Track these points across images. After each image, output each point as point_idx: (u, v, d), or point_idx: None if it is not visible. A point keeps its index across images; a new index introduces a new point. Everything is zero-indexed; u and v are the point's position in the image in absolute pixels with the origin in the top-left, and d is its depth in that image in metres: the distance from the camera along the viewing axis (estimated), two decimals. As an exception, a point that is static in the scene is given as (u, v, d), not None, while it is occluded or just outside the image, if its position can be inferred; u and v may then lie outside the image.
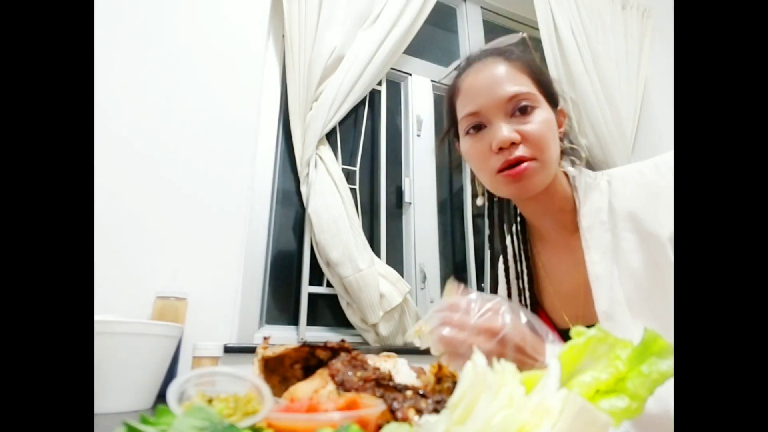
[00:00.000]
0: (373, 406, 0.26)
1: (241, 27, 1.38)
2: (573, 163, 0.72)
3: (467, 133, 0.68)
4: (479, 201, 0.81)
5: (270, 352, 0.39)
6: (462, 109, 0.68)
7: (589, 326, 0.27)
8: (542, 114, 0.65)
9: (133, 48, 1.21)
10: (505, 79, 0.65)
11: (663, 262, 0.57)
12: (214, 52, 1.31)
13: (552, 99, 0.69)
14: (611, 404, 0.22)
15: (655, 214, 0.59)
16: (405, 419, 0.26)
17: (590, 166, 0.76)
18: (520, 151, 0.63)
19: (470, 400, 0.20)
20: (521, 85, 0.65)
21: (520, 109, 0.64)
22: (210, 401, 0.26)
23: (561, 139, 0.71)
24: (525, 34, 0.73)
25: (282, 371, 0.40)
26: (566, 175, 0.72)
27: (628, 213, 0.62)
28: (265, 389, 0.26)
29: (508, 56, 0.68)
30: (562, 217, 0.71)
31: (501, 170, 0.64)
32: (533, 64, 0.69)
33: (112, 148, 1.11)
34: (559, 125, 0.70)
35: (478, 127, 0.66)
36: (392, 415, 0.26)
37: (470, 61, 0.71)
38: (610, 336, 0.24)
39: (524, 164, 0.62)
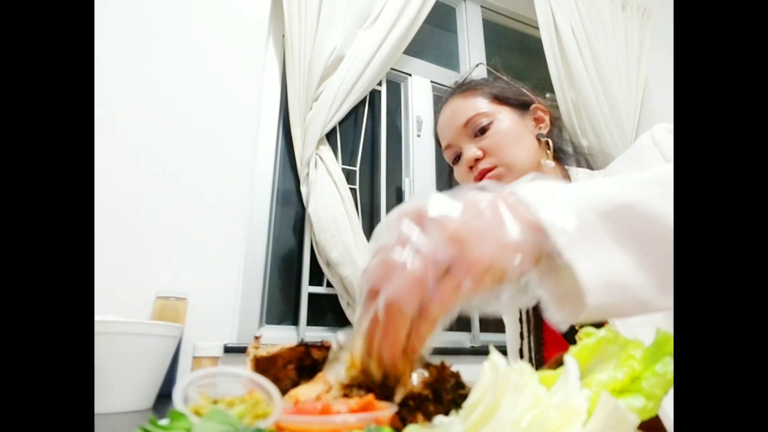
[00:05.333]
0: (385, 407, 0.26)
1: (241, 27, 1.38)
2: (559, 159, 0.74)
3: (453, 163, 0.78)
4: None
5: (264, 352, 0.38)
6: (442, 146, 0.79)
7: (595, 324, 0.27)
8: (502, 124, 0.72)
9: (132, 48, 1.21)
10: (460, 109, 0.74)
11: None
12: (213, 52, 1.31)
13: (518, 104, 0.75)
14: (628, 404, 0.22)
15: (642, 165, 0.60)
16: (414, 422, 0.26)
17: (590, 166, 0.76)
18: (484, 164, 0.71)
19: (491, 401, 0.20)
20: (474, 108, 0.73)
21: (479, 129, 0.72)
22: (215, 403, 0.26)
23: (544, 135, 0.74)
24: (481, 63, 0.80)
25: (274, 372, 0.38)
26: (564, 173, 0.73)
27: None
28: (274, 390, 0.25)
29: (464, 89, 0.77)
30: None
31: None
32: (488, 84, 0.77)
33: (112, 148, 1.11)
34: (539, 121, 0.76)
35: (458, 157, 0.76)
36: (401, 420, 0.26)
37: (439, 107, 0.80)
38: (620, 336, 0.24)
39: (490, 173, 0.70)
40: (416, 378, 0.33)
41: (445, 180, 0.88)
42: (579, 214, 0.30)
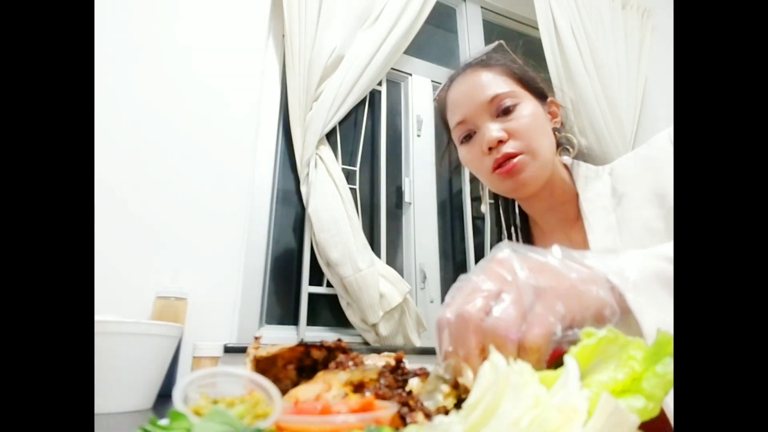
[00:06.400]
0: (385, 407, 0.26)
1: (241, 27, 1.38)
2: (569, 153, 0.73)
3: (461, 142, 0.71)
4: (483, 208, 0.84)
5: (264, 352, 0.38)
6: (452, 121, 0.72)
7: None
8: (526, 108, 0.67)
9: (132, 48, 1.21)
10: (485, 84, 0.68)
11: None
12: (213, 51, 1.31)
13: (538, 93, 0.72)
14: (628, 404, 0.22)
15: (659, 179, 0.60)
16: (414, 422, 0.25)
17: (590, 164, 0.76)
18: (508, 148, 0.65)
19: (491, 401, 0.20)
20: (500, 86, 0.68)
21: (503, 110, 0.67)
22: (215, 403, 0.26)
23: (558, 130, 0.73)
24: (501, 42, 0.78)
25: (274, 372, 0.38)
26: (566, 168, 0.73)
27: (632, 188, 0.63)
28: (274, 390, 0.25)
29: (486, 63, 0.72)
30: (564, 210, 0.71)
31: (495, 169, 0.67)
32: (512, 65, 0.72)
33: (112, 148, 1.11)
34: (553, 116, 0.74)
35: (470, 135, 0.70)
36: (401, 420, 0.26)
37: (453, 76, 0.74)
38: (621, 337, 0.24)
39: (515, 159, 0.65)
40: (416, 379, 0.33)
41: (446, 178, 0.85)
42: (638, 270, 0.34)
